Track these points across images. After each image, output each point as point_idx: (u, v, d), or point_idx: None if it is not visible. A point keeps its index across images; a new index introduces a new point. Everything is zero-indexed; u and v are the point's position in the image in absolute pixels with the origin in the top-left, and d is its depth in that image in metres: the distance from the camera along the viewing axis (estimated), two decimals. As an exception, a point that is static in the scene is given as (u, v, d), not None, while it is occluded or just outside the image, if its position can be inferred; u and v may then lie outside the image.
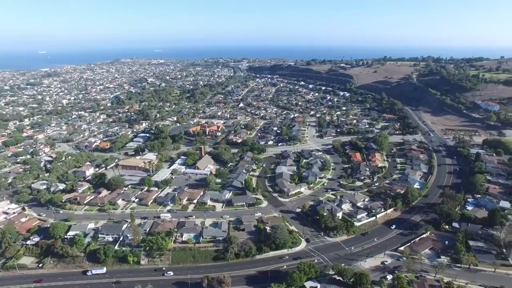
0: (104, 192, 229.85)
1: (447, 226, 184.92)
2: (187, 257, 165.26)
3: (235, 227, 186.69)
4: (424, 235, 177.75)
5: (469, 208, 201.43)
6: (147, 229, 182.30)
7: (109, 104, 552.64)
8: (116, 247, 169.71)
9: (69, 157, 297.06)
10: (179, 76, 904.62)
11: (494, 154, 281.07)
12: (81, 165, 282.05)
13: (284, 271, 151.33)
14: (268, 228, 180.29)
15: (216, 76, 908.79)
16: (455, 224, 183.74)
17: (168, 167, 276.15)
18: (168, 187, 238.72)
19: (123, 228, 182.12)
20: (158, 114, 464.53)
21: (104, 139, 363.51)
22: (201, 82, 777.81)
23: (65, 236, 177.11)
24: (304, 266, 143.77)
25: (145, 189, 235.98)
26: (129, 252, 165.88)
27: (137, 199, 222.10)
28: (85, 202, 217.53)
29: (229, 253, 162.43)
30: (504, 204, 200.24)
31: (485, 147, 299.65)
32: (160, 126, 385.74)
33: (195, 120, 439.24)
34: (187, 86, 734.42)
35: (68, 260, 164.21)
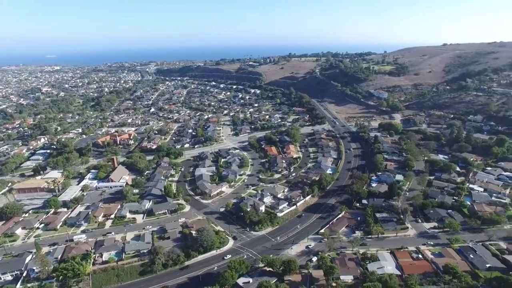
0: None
1: (358, 204, 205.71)
2: (110, 278, 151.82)
3: (160, 236, 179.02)
4: (340, 215, 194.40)
5: (374, 185, 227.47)
6: (59, 256, 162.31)
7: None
8: (18, 286, 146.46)
9: None
10: (80, 84, 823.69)
11: (388, 135, 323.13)
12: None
13: (215, 272, 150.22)
14: (194, 232, 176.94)
15: (122, 81, 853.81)
16: (364, 201, 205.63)
17: (78, 184, 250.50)
18: (79, 205, 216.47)
19: (27, 261, 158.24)
20: (59, 127, 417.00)
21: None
22: (107, 89, 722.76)
23: None
24: (234, 263, 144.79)
25: (51, 212, 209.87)
26: (38, 287, 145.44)
27: (42, 225, 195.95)
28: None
29: (156, 265, 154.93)
30: (399, 177, 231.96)
31: (381, 130, 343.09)
32: (62, 140, 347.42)
33: (103, 130, 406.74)
34: (91, 94, 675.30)
35: None
